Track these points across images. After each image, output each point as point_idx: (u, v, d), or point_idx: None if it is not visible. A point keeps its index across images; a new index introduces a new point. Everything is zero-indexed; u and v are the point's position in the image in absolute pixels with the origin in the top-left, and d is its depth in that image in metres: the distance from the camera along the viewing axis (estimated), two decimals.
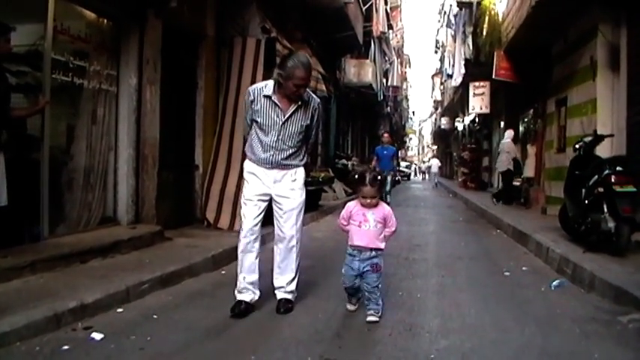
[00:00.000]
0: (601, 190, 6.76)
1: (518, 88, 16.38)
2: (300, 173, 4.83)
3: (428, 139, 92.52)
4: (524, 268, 6.81)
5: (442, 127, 44.58)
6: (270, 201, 4.75)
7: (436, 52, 47.43)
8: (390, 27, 35.25)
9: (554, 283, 5.87)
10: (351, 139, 28.35)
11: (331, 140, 19.96)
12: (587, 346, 3.96)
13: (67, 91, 6.58)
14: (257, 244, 4.67)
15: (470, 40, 21.53)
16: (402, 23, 45.46)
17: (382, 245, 4.52)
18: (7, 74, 5.42)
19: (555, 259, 6.78)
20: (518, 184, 15.42)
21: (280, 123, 4.61)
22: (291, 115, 4.64)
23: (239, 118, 8.76)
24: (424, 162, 66.12)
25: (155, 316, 4.41)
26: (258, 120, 4.63)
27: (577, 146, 7.86)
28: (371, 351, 3.76)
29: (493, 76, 16.07)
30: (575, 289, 5.73)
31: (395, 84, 40.60)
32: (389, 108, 39.82)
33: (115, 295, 4.59)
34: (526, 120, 17.83)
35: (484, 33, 17.76)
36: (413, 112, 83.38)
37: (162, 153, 7.84)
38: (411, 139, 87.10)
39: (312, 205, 11.97)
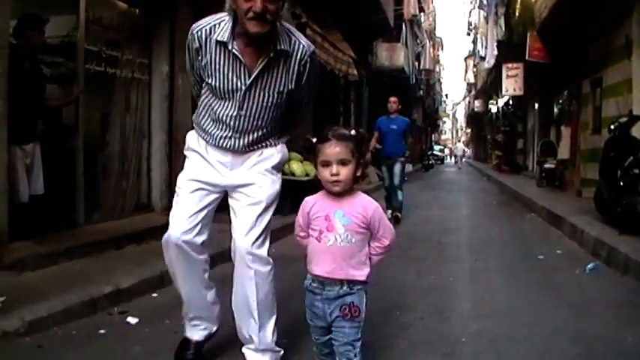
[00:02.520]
0: (637, 171, 6.65)
1: (552, 70, 16.12)
2: (273, 154, 3.23)
3: (461, 122, 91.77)
4: (558, 252, 6.75)
5: (475, 109, 44.19)
6: (225, 197, 3.20)
7: (469, 34, 46.97)
8: (421, 9, 34.93)
9: (589, 266, 5.81)
10: None
11: (364, 124, 19.89)
12: (621, 330, 3.91)
13: (100, 81, 6.67)
14: (202, 257, 3.13)
15: (502, 22, 21.28)
16: (433, 6, 45.05)
17: (363, 273, 2.61)
18: (42, 65, 5.52)
19: (590, 241, 6.70)
20: (552, 166, 15.22)
21: (243, 88, 2.95)
22: (259, 75, 2.94)
23: None
24: (456, 146, 65.56)
25: None
26: (209, 81, 3.00)
27: (612, 127, 7.72)
28: (402, 334, 3.78)
29: (526, 58, 15.86)
30: (610, 272, 5.67)
31: (427, 67, 40.24)
32: (421, 91, 39.49)
33: (150, 281, 4.68)
34: (560, 101, 17.57)
35: (517, 14, 17.51)
36: (446, 95, 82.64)
37: None
38: (444, 122, 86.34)
39: None
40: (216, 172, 3.12)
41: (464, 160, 37.25)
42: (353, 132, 2.62)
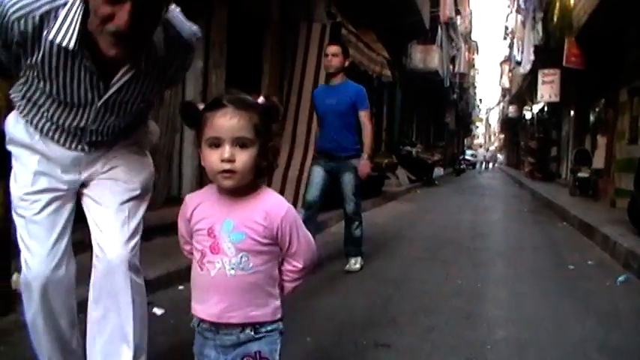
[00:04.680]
0: None
1: (589, 77, 15.89)
2: (140, 134, 2.49)
3: (495, 127, 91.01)
4: (589, 262, 6.64)
5: (510, 115, 43.78)
6: (78, 198, 2.40)
7: (505, 38, 46.57)
8: (457, 12, 34.73)
9: (620, 278, 5.70)
10: (415, 126, 28.14)
11: (395, 126, 19.84)
12: None
13: None
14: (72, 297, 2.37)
15: (540, 26, 21.02)
16: (470, 9, 44.81)
17: (270, 310, 1.89)
18: None
19: (622, 253, 6.58)
20: (586, 175, 15.00)
21: (97, 102, 2.16)
22: (122, 87, 2.14)
23: (303, 102, 8.84)
24: (487, 150, 64.99)
25: None
26: (41, 85, 2.11)
27: None
28: (426, 337, 3.74)
29: (563, 64, 15.64)
30: None
31: (462, 70, 39.98)
32: (455, 95, 39.28)
33: (177, 273, 4.69)
34: (597, 109, 17.32)
35: (554, 19, 17.29)
36: (480, 100, 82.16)
37: None
38: (477, 127, 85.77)
39: (375, 190, 11.96)
40: (62, 169, 2.29)
41: (496, 165, 37.14)
42: (261, 99, 1.82)
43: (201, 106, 1.79)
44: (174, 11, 2.25)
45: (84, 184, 2.37)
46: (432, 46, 24.20)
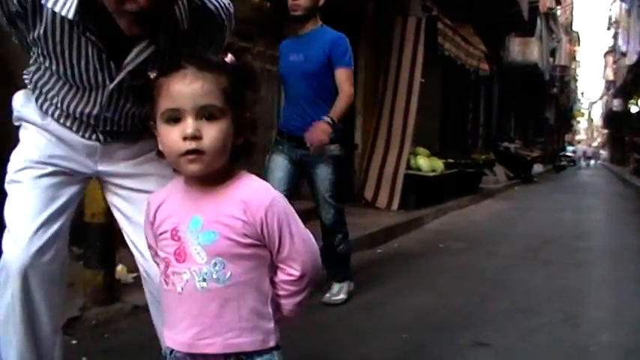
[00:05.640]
0: None
1: None
2: None
3: (597, 122, 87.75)
4: None
5: (614, 109, 42.09)
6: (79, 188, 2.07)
7: (609, 28, 44.82)
8: (557, 2, 33.59)
9: None
10: (514, 121, 27.46)
11: (493, 122, 19.45)
12: None
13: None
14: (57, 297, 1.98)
15: None
16: None
17: (260, 337, 1.45)
18: None
19: None
20: None
21: (108, 85, 1.87)
22: (137, 68, 1.80)
23: (399, 98, 8.78)
24: (590, 146, 62.71)
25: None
26: (47, 64, 1.86)
27: None
28: (526, 338, 3.63)
29: None
30: None
31: (562, 63, 38.69)
32: (555, 89, 38.05)
33: None
34: None
35: None
36: (582, 94, 79.14)
37: None
38: (578, 122, 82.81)
39: (472, 187, 11.78)
40: (77, 153, 2.01)
41: (598, 162, 35.91)
42: (229, 57, 1.44)
43: (153, 74, 1.41)
44: None
45: (105, 181, 2.10)
46: (531, 38, 23.52)
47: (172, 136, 1.36)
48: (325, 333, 3.54)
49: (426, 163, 9.06)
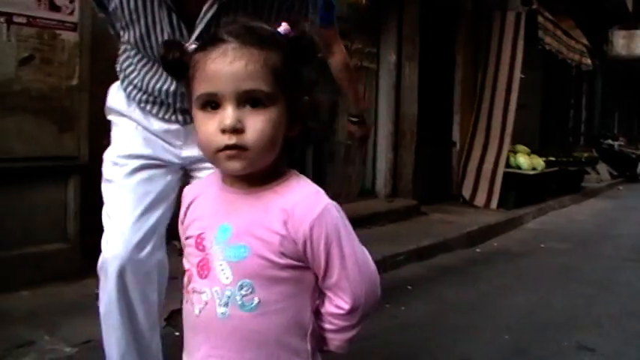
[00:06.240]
0: None
1: None
2: None
3: None
4: None
5: None
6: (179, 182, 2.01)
7: None
8: None
9: None
10: (618, 118, 26.38)
11: (596, 118, 18.77)
12: None
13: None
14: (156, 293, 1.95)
15: None
16: None
17: None
18: None
19: None
20: None
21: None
22: (207, 29, 1.68)
23: (498, 95, 8.63)
24: None
25: (409, 287, 4.51)
26: (124, 35, 1.85)
27: None
28: (633, 343, 3.51)
29: None
30: None
31: None
32: None
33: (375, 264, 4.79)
34: None
35: None
36: None
37: (419, 129, 7.94)
38: None
39: (574, 186, 11.42)
40: (164, 142, 1.97)
41: None
42: (284, 27, 1.16)
43: (192, 47, 1.17)
44: None
45: (191, 170, 1.99)
46: (636, 31, 22.53)
47: (208, 127, 1.10)
48: (424, 332, 3.53)
49: (526, 161, 8.86)
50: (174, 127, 1.93)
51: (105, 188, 1.94)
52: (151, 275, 1.89)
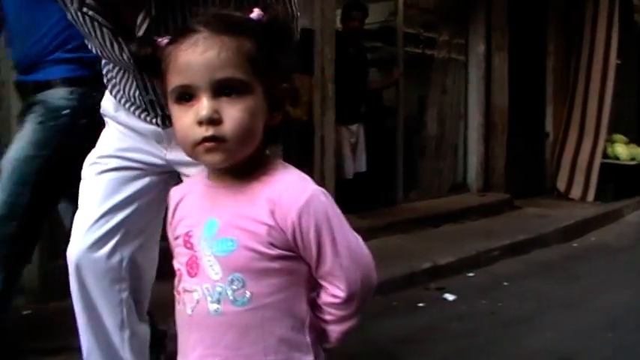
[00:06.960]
0: None
1: None
2: None
3: None
4: None
5: None
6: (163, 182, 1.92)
7: None
8: None
9: None
10: None
11: None
12: None
13: (417, 63, 6.97)
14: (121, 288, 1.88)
15: None
16: None
17: None
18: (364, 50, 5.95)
19: None
20: None
21: (130, 61, 1.68)
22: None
23: (593, 83, 8.32)
24: None
25: (505, 283, 4.41)
26: (92, 45, 1.81)
27: None
28: None
29: None
30: None
31: None
32: None
33: (466, 260, 4.72)
34: None
35: None
36: None
37: (511, 120, 7.77)
38: None
39: (635, 188, 10.78)
40: (148, 144, 1.87)
41: None
42: (256, 12, 1.14)
43: (164, 41, 1.12)
44: None
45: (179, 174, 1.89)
46: None
47: (185, 121, 1.07)
48: (523, 329, 3.46)
49: (625, 151, 8.49)
50: (158, 129, 1.84)
51: (80, 186, 1.90)
52: (114, 274, 1.84)
